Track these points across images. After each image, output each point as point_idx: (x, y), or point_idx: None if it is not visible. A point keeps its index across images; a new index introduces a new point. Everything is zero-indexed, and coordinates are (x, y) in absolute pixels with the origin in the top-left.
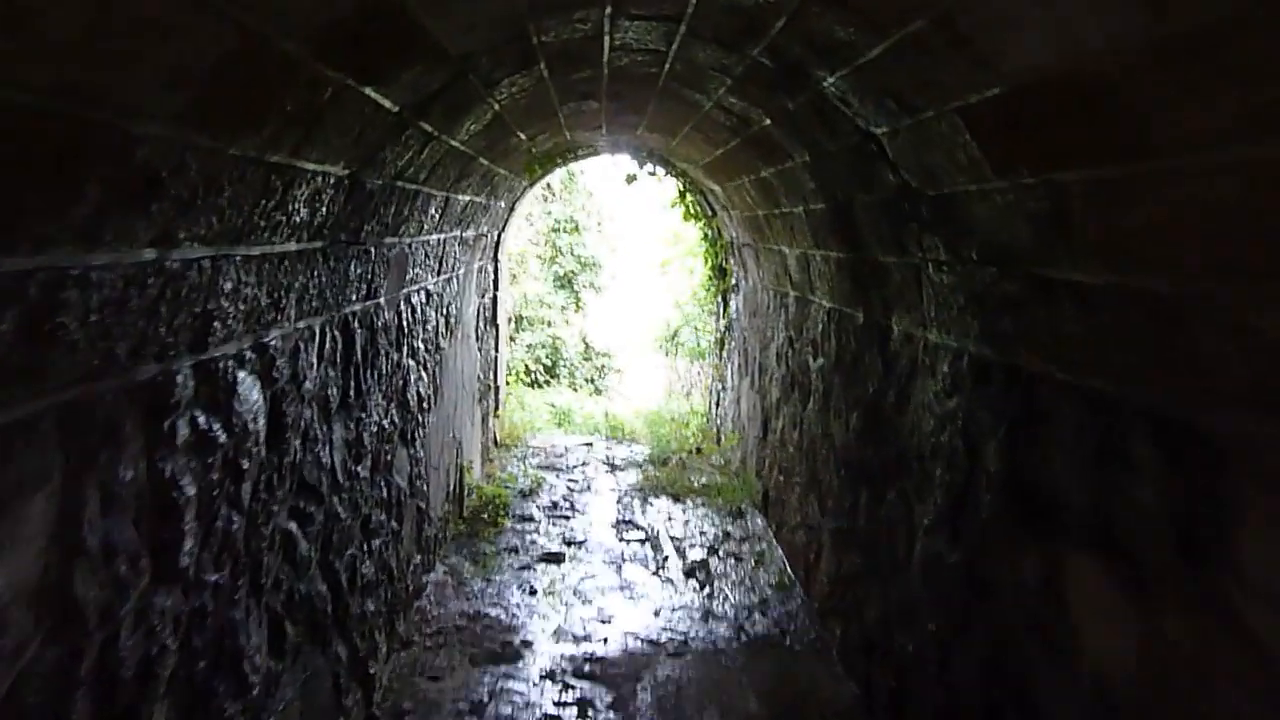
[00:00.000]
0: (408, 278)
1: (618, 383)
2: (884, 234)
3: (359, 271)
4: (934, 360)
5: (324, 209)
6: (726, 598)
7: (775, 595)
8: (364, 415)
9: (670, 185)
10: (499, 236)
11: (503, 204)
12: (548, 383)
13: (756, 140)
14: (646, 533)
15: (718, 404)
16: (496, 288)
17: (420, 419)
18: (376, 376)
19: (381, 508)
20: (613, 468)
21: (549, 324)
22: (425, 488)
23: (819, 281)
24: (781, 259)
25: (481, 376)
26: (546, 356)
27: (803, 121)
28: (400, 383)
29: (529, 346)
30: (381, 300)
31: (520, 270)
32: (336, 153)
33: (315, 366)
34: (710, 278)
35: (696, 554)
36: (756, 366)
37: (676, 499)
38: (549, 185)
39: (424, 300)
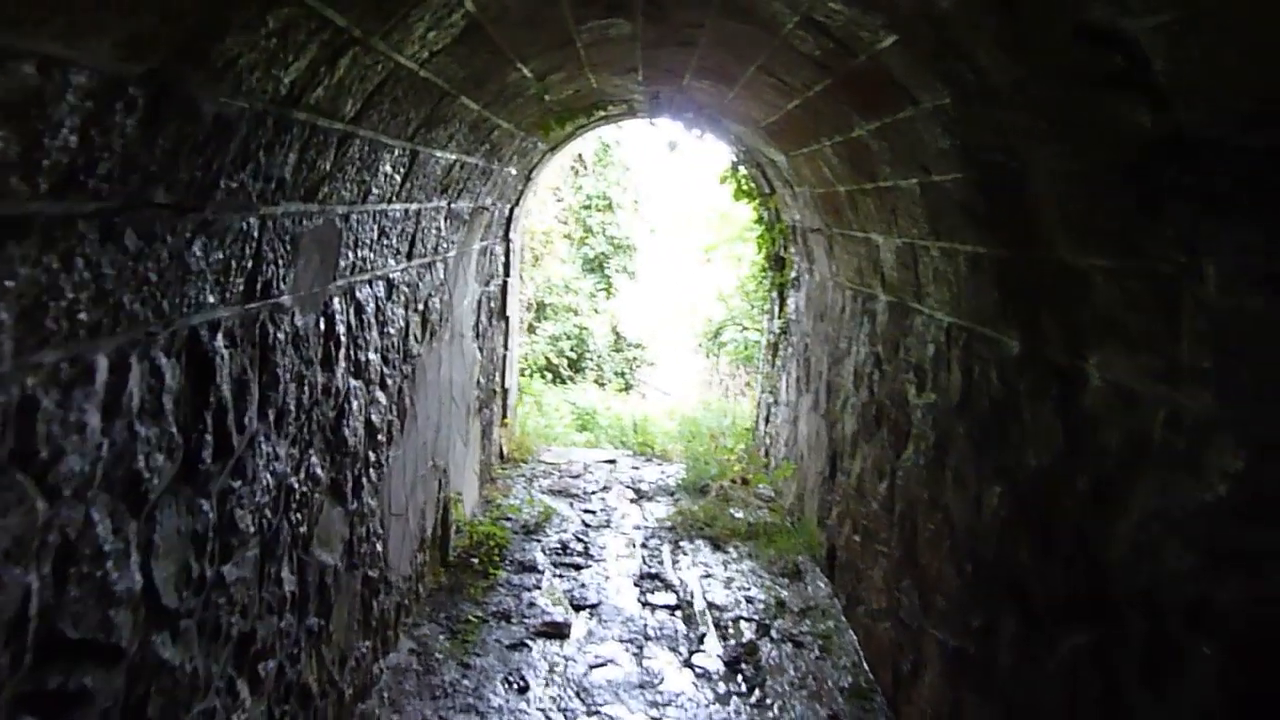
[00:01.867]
0: (344, 264)
1: (650, 377)
2: (1091, 220)
3: (219, 257)
4: (1198, 448)
5: (89, 139)
6: (783, 707)
7: (850, 708)
8: (239, 483)
9: (720, 155)
10: (511, 211)
11: (513, 170)
12: (571, 378)
13: (857, 78)
14: (678, 594)
15: (767, 419)
16: (508, 273)
17: (374, 457)
18: (275, 416)
19: (280, 611)
20: (639, 495)
21: (575, 312)
22: (379, 548)
23: (934, 285)
24: (870, 250)
25: (483, 382)
26: (571, 348)
27: (960, 28)
28: (331, 415)
29: (552, 337)
30: (285, 299)
31: (545, 251)
32: (102, 25)
33: (96, 429)
34: (763, 268)
35: (742, 630)
36: (822, 384)
37: (716, 545)
38: (580, 158)
39: (382, 294)
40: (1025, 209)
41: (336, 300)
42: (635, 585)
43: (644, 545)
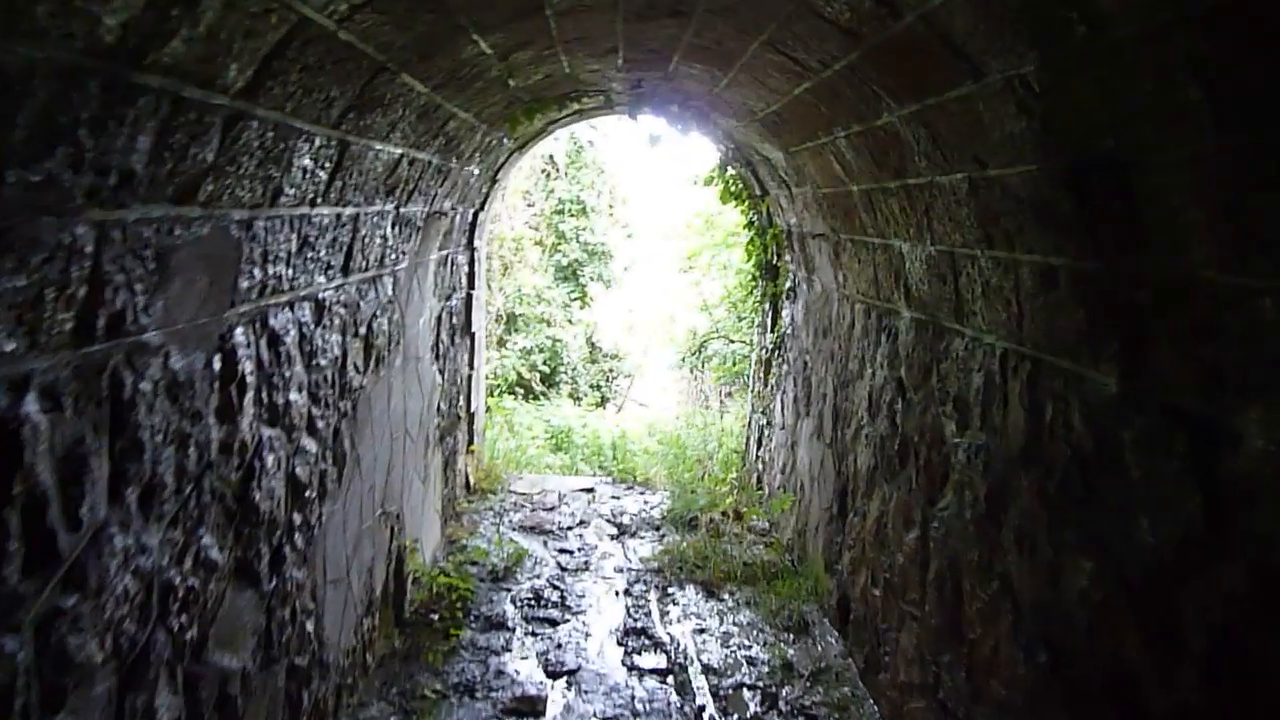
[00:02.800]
0: (248, 285)
1: (627, 389)
2: (1261, 224)
3: (19, 284)
4: None
5: None
6: None
7: None
8: (74, 599)
9: (705, 154)
10: (475, 216)
11: (475, 170)
12: (544, 394)
13: (896, 47)
14: (668, 655)
15: (759, 443)
16: (472, 284)
17: (300, 519)
18: (140, 496)
19: None
20: (620, 531)
21: (548, 323)
22: (310, 627)
23: (983, 302)
24: (890, 259)
25: (445, 408)
26: (544, 362)
27: None
28: (235, 478)
29: (523, 351)
30: (150, 336)
31: (515, 259)
32: None
33: None
34: (754, 277)
35: (745, 702)
36: (827, 407)
37: (709, 591)
38: (551, 159)
39: (308, 319)
40: (1134, 209)
41: (239, 331)
42: (619, 644)
43: (628, 592)
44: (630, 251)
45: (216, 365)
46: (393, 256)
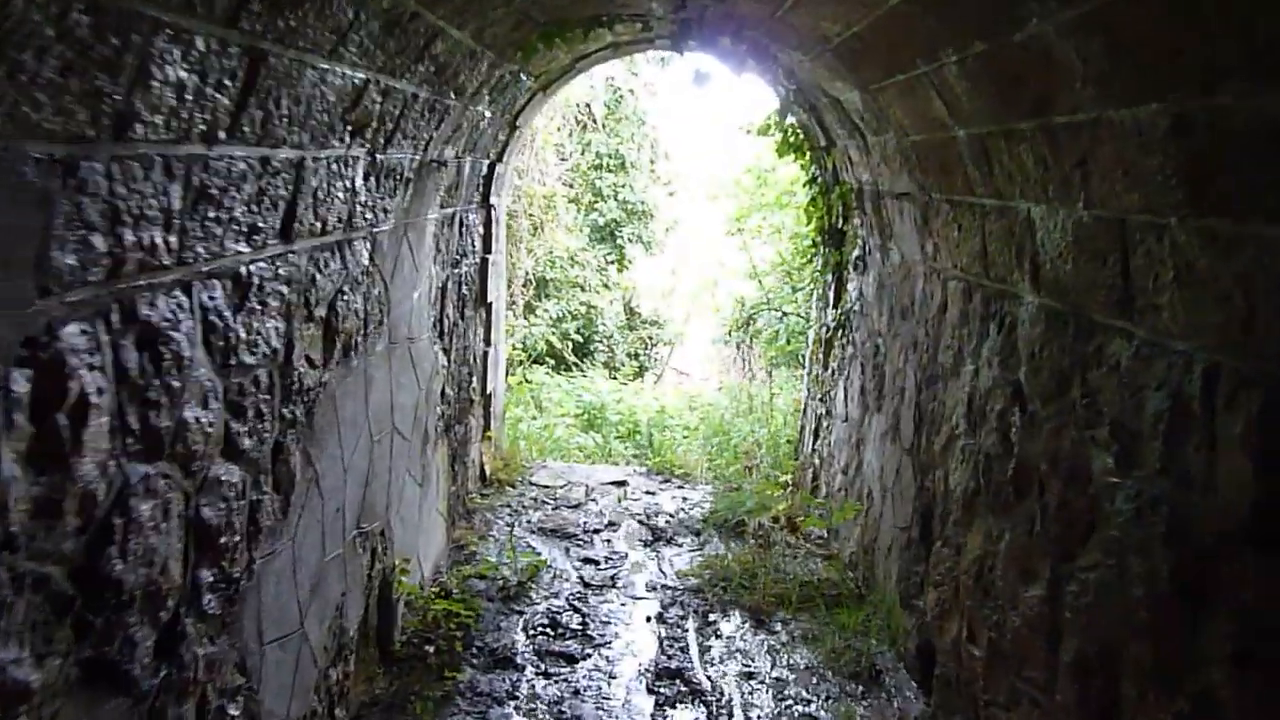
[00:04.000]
0: (78, 259)
1: (668, 357)
2: None
3: None
4: None
5: None
6: None
7: None
8: None
9: (760, 101)
10: (490, 168)
11: (486, 112)
12: (577, 364)
13: None
14: (709, 709)
15: (816, 434)
16: (488, 248)
17: (214, 577)
18: None
19: None
20: (655, 536)
21: (582, 288)
22: (233, 712)
23: (1174, 293)
24: (1008, 226)
25: (452, 392)
26: (577, 330)
27: None
28: (73, 548)
29: (555, 319)
30: None
31: (546, 218)
32: None
33: None
34: (814, 243)
35: None
36: (906, 405)
37: (759, 620)
38: (588, 109)
39: (221, 303)
40: None
41: (72, 331)
42: (650, 690)
43: (662, 618)
44: (673, 211)
45: (17, 387)
46: (368, 216)
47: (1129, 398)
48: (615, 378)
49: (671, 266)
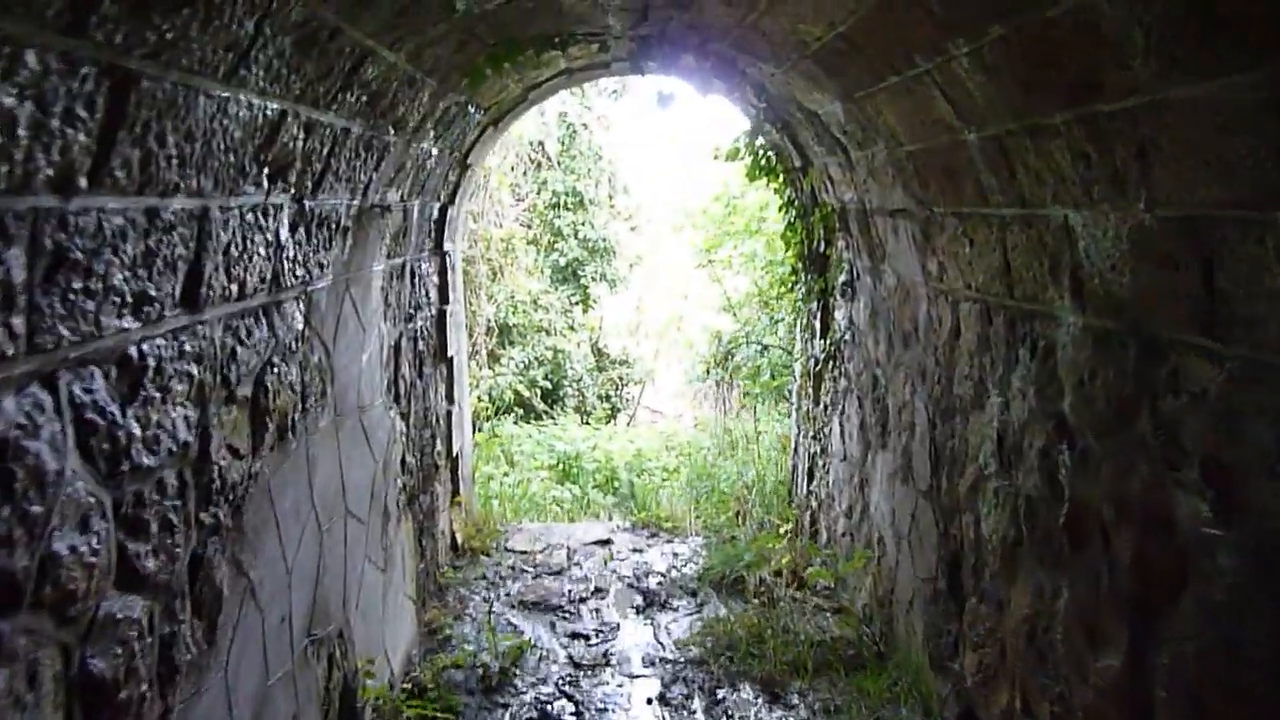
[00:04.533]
0: None
1: (639, 396)
2: None
3: None
4: None
5: None
6: None
7: None
8: None
9: (727, 124)
10: (441, 212)
11: (432, 150)
12: (547, 412)
13: None
14: None
15: (810, 475)
16: (445, 298)
17: None
18: None
19: None
20: (648, 601)
21: (548, 332)
22: None
23: None
24: (1038, 237)
25: (412, 461)
26: (545, 377)
27: None
28: None
29: (522, 367)
30: None
31: (506, 262)
32: None
33: None
34: (796, 270)
35: None
36: (919, 443)
37: (773, 693)
38: (541, 147)
39: (104, 395)
40: None
41: None
42: None
43: (664, 699)
44: (636, 246)
45: None
46: (299, 272)
47: (1223, 430)
48: (588, 422)
49: (637, 303)
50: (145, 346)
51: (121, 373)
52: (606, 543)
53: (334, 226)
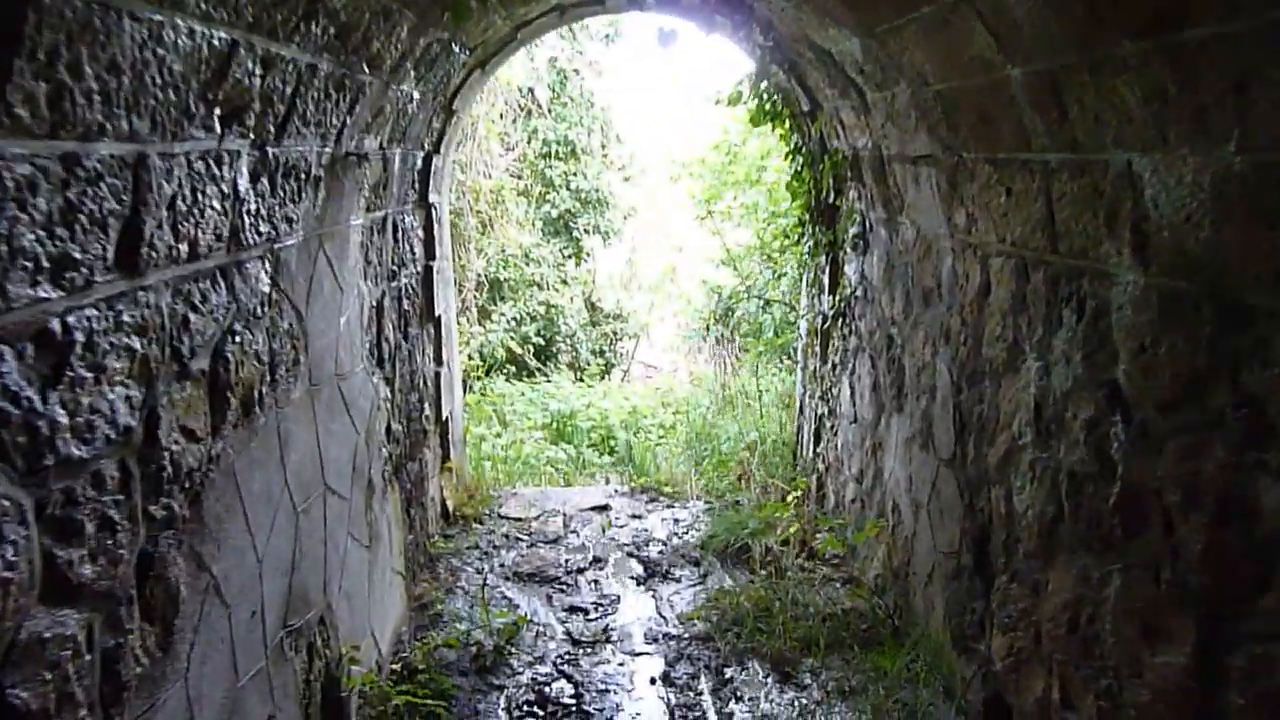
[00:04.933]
0: None
1: (634, 350)
2: None
3: None
4: None
5: None
6: None
7: None
8: None
9: (730, 60)
10: (426, 161)
11: (413, 93)
12: (540, 369)
13: None
14: None
15: (818, 439)
16: (432, 253)
17: None
18: None
19: None
20: (649, 572)
21: (540, 286)
22: None
23: None
24: (1090, 185)
25: (399, 428)
26: (538, 333)
27: None
28: None
29: (513, 323)
30: None
31: (497, 214)
32: None
33: None
34: (803, 222)
35: None
36: (940, 407)
37: (784, 672)
38: (531, 93)
39: (18, 380)
40: None
41: None
42: None
43: (668, 679)
44: (631, 197)
45: None
46: (263, 229)
47: None
48: (582, 379)
49: (631, 255)
50: (71, 319)
51: (40, 351)
52: (604, 508)
53: (303, 176)
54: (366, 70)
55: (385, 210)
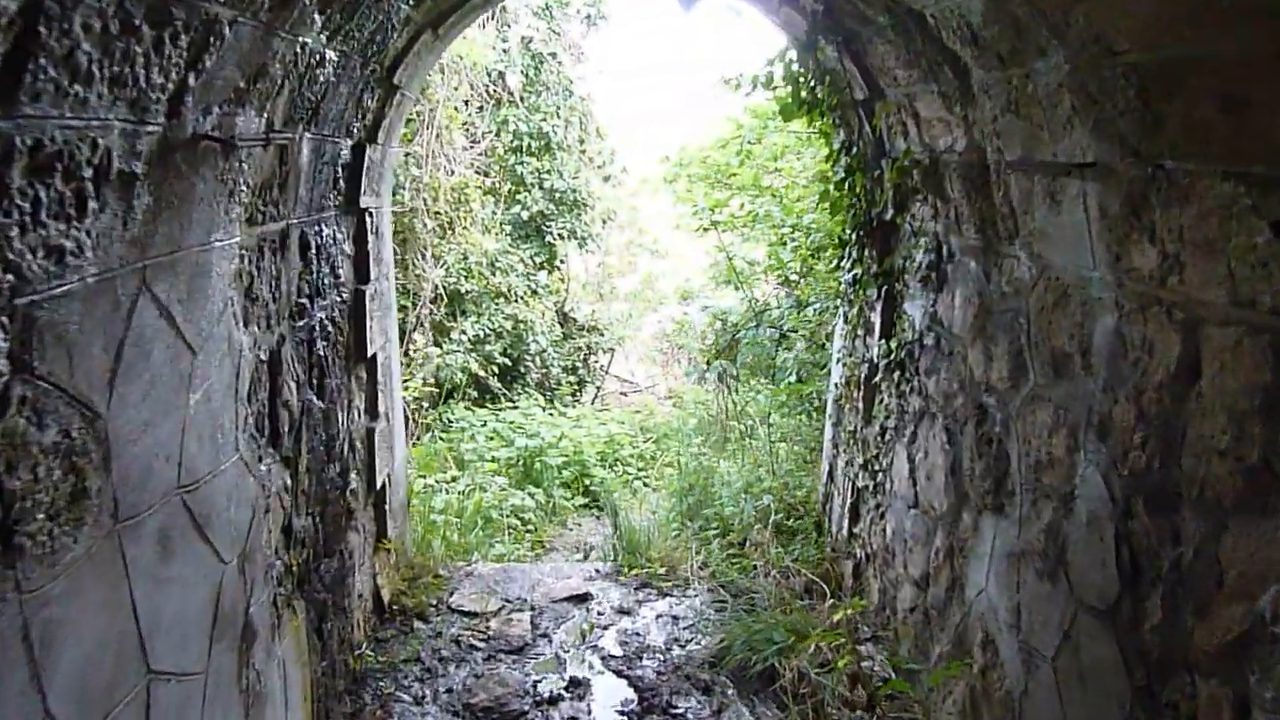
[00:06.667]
0: None
1: (609, 365)
2: None
3: None
4: None
5: None
6: None
7: None
8: None
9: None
10: (355, 152)
11: (327, 51)
12: (504, 394)
13: None
14: None
15: (856, 515)
16: (364, 275)
17: None
18: None
19: None
20: (645, 703)
21: (507, 297)
22: None
23: None
24: None
25: (305, 524)
26: (503, 352)
27: None
28: None
29: (475, 341)
30: None
31: (459, 215)
32: None
33: None
34: (845, 241)
35: None
36: (1095, 531)
37: None
38: (501, 79)
39: None
40: None
41: None
42: None
43: None
44: (612, 198)
45: None
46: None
47: None
48: (552, 400)
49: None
50: None
51: None
52: (583, 598)
53: (90, 176)
54: (252, 12)
55: (284, 221)
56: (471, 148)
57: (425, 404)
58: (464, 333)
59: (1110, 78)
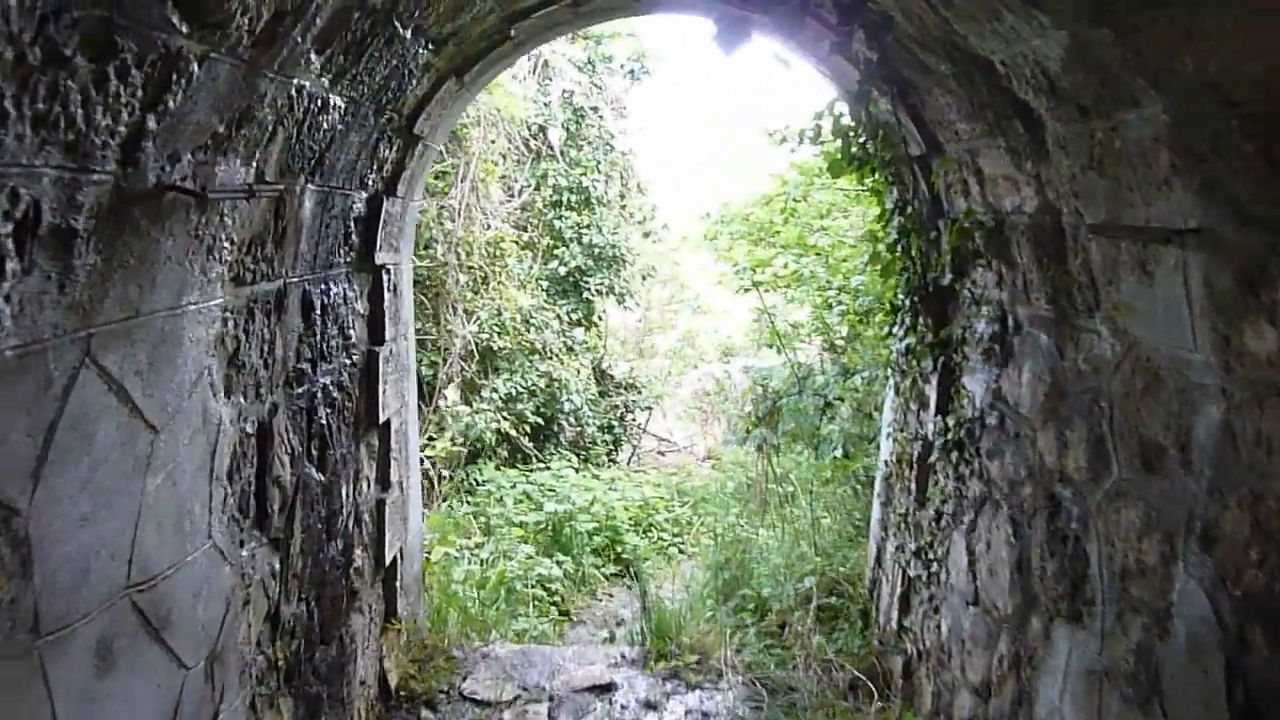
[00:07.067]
0: None
1: (646, 423)
2: None
3: None
4: None
5: None
6: None
7: None
8: None
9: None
10: (370, 205)
11: (331, 97)
12: (535, 455)
13: None
14: None
15: (906, 606)
16: (379, 335)
17: None
18: None
19: None
20: None
21: (542, 354)
22: None
23: None
24: None
25: (297, 612)
26: (536, 410)
27: None
28: None
29: (506, 399)
30: None
31: (494, 270)
32: None
33: None
34: (897, 308)
35: None
36: (1197, 658)
37: None
38: (542, 133)
39: None
40: None
41: None
42: None
43: None
44: (652, 254)
45: None
46: None
47: None
48: (586, 460)
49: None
50: None
51: None
52: (607, 689)
53: (8, 232)
54: (183, 28)
55: (282, 280)
56: (509, 201)
57: (452, 465)
58: (495, 390)
59: (1223, 132)
